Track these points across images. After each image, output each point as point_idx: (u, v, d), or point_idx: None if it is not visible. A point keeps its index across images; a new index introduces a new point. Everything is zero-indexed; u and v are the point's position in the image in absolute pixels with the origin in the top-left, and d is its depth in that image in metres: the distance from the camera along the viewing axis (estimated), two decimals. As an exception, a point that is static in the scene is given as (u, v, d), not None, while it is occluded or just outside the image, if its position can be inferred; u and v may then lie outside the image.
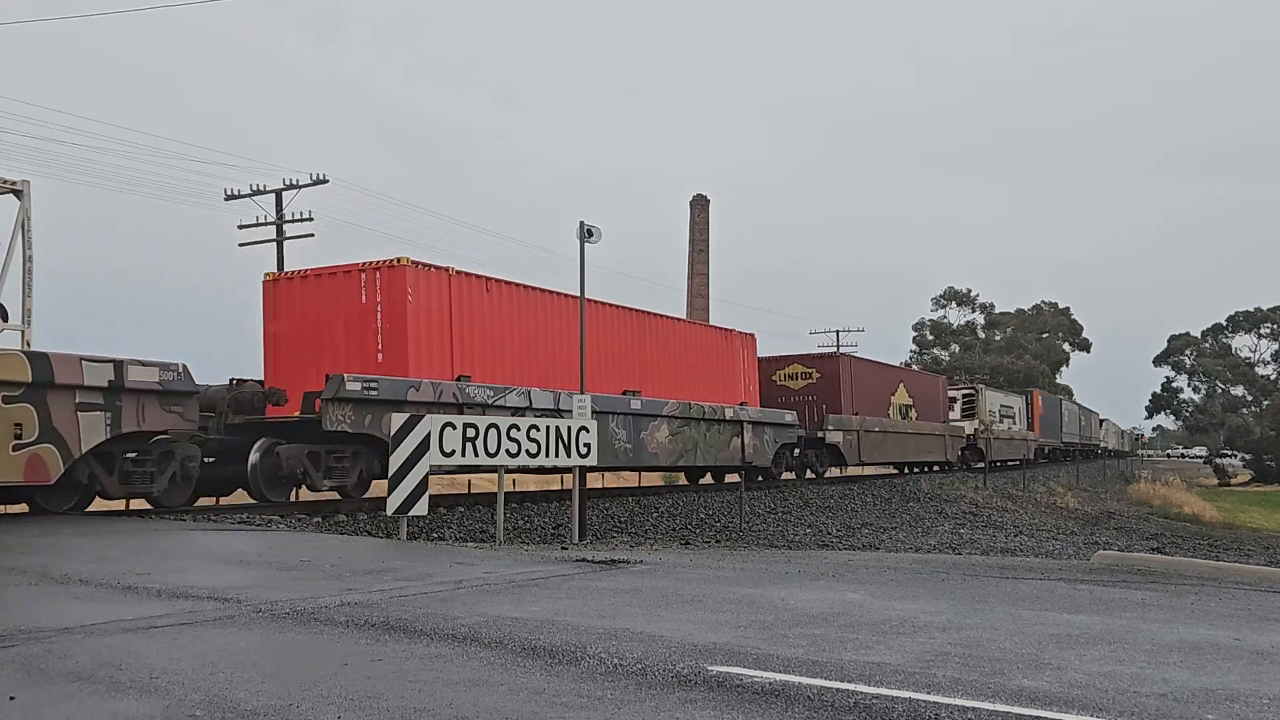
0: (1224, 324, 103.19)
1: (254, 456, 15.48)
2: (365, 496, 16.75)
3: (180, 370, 13.95)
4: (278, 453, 15.39)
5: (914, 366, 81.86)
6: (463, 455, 12.53)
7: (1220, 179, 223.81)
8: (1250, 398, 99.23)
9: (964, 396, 45.68)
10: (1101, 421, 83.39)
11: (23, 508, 13.87)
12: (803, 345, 77.26)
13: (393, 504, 11.94)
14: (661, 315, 23.84)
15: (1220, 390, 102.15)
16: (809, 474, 30.67)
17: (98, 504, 14.45)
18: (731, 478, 27.19)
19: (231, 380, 17.40)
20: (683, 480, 30.53)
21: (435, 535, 14.55)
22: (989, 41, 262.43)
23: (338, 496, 16.61)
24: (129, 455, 13.79)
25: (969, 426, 44.39)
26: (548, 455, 13.79)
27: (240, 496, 16.52)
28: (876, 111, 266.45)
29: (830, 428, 30.25)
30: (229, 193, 34.80)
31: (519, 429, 13.40)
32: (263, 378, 17.98)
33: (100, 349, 13.39)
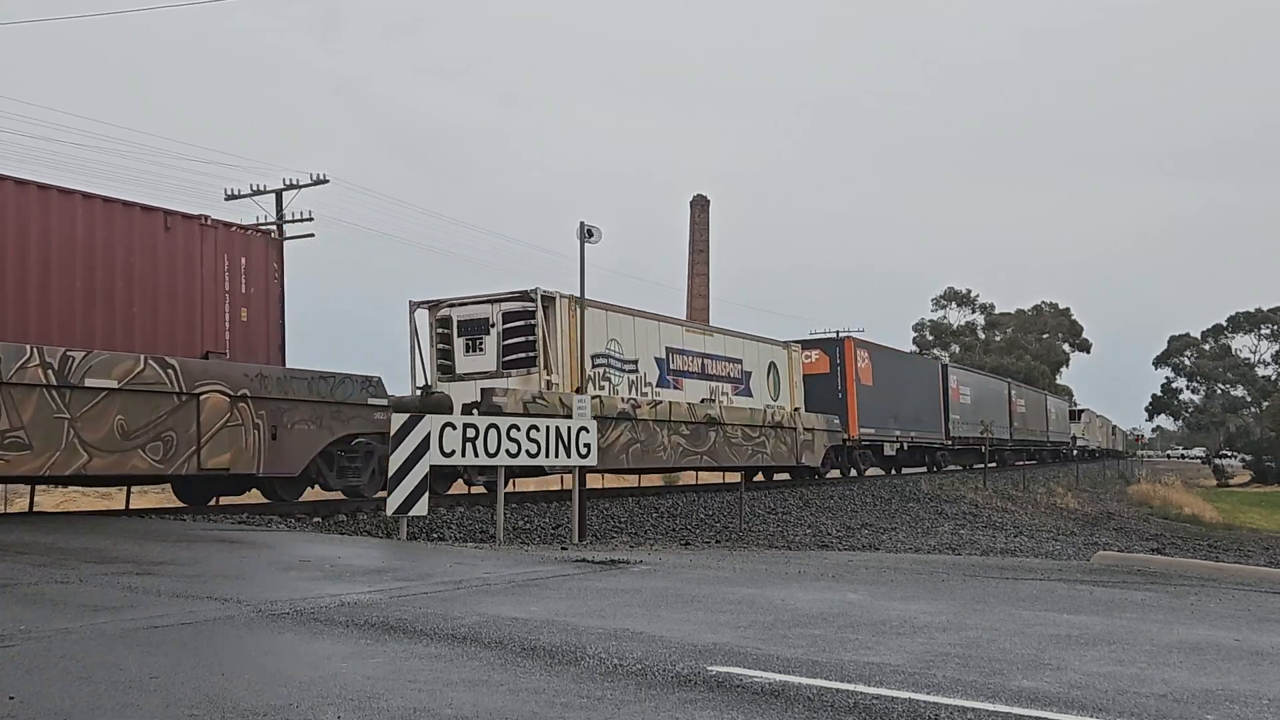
0: (1224, 325, 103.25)
1: None
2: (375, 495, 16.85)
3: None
4: None
5: None
6: (462, 455, 12.53)
7: (1222, 180, 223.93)
8: (1250, 398, 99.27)
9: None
10: (1079, 413, 72.62)
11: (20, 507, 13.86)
12: (802, 345, 76.77)
13: (393, 504, 11.93)
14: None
15: (1220, 391, 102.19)
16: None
17: (94, 504, 14.44)
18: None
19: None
20: (683, 480, 30.68)
21: (435, 535, 14.54)
22: (991, 42, 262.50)
23: (342, 496, 16.63)
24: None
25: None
26: (548, 455, 13.79)
27: (243, 496, 16.51)
28: (877, 112, 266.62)
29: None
30: (229, 193, 34.81)
31: (519, 429, 13.40)
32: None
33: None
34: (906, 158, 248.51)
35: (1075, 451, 67.93)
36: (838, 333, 35.03)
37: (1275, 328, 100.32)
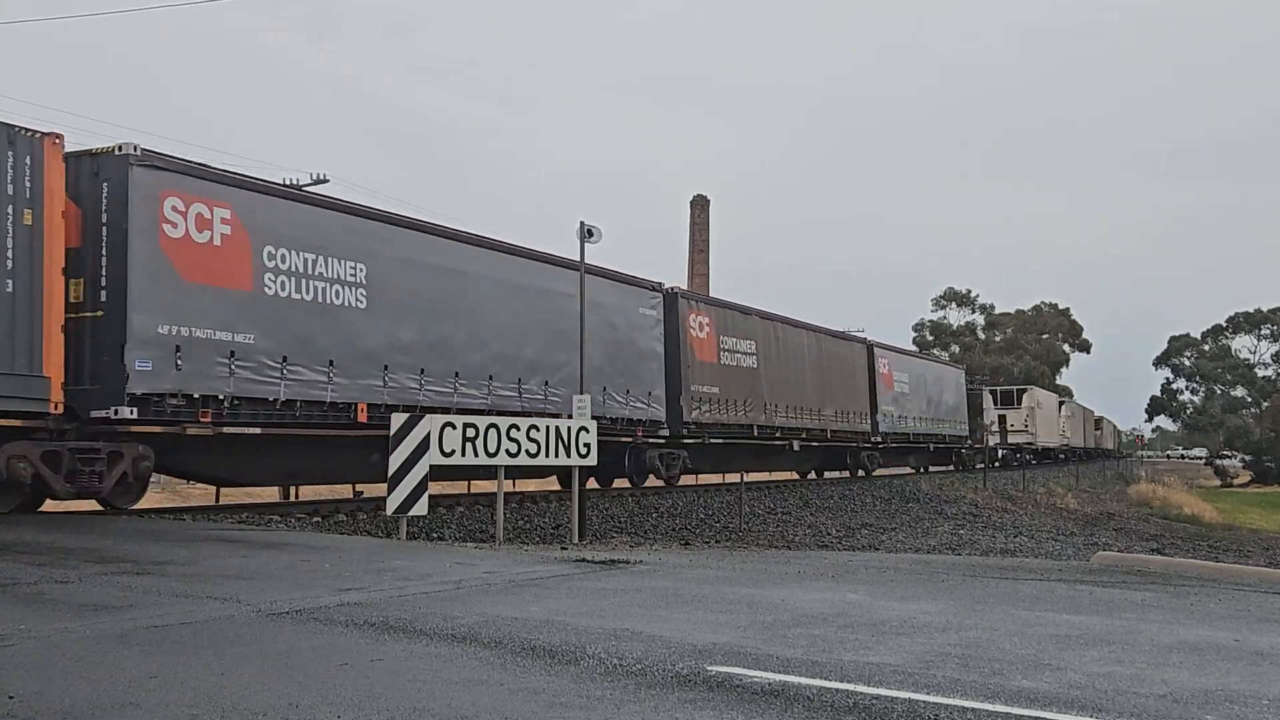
0: (1224, 325, 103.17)
1: None
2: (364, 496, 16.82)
3: None
4: None
5: None
6: (462, 455, 12.52)
7: (1222, 180, 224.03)
8: (1250, 399, 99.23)
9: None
10: (1019, 392, 52.79)
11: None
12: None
13: (392, 504, 11.93)
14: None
15: (1220, 392, 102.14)
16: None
17: (93, 504, 14.43)
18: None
19: None
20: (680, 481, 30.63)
21: (435, 535, 14.54)
22: (991, 43, 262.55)
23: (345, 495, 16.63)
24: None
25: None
26: (548, 455, 13.78)
27: (244, 495, 16.50)
28: (877, 113, 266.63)
29: None
30: (229, 192, 34.73)
31: (519, 429, 13.39)
32: None
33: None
34: (906, 158, 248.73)
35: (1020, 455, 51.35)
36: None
37: (1275, 328, 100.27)
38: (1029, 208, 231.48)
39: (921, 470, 40.44)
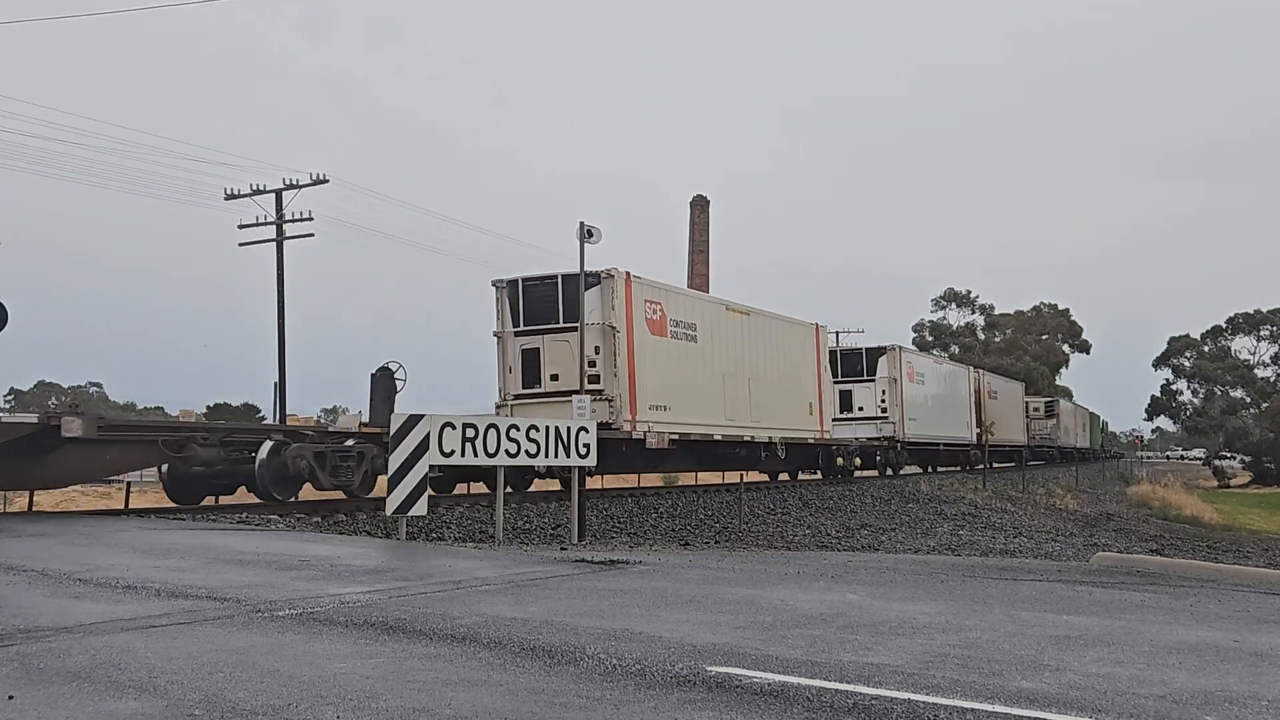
0: (1223, 326, 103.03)
1: None
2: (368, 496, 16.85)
3: None
4: None
5: None
6: (462, 455, 12.52)
7: (1222, 181, 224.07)
8: (1249, 400, 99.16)
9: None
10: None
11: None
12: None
13: (392, 504, 11.93)
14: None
15: (1219, 393, 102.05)
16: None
17: (93, 504, 14.44)
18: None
19: None
20: (680, 481, 30.76)
21: (435, 535, 14.54)
22: (991, 44, 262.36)
23: (342, 495, 16.62)
24: None
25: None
26: (547, 456, 13.78)
27: (244, 495, 16.52)
28: (877, 113, 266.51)
29: None
30: (229, 192, 34.77)
31: (518, 429, 13.39)
32: None
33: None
34: (906, 159, 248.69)
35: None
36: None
37: (1275, 329, 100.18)
38: (1029, 208, 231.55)
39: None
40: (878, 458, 34.49)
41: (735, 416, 24.42)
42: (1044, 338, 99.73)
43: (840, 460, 30.66)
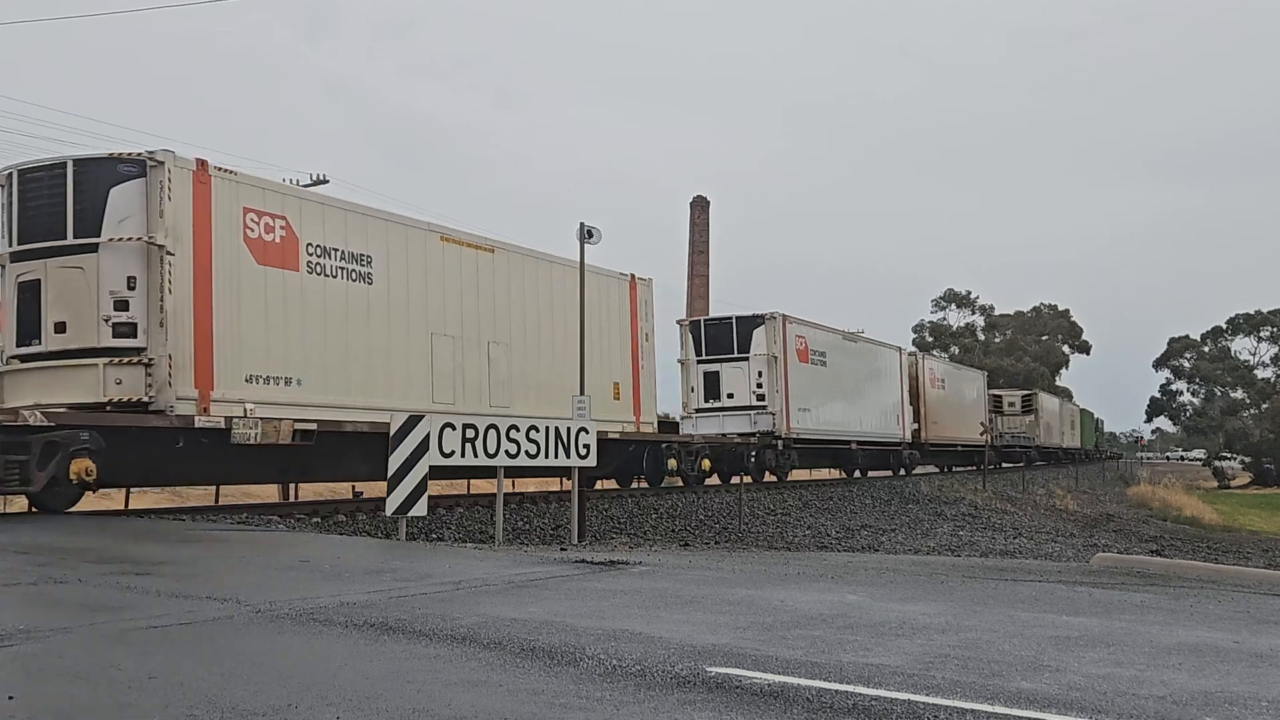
0: (1223, 327, 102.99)
1: None
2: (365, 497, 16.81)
3: None
4: None
5: None
6: (462, 456, 12.52)
7: (1222, 182, 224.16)
8: (1249, 401, 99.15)
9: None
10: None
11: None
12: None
13: (392, 504, 11.93)
14: None
15: (1219, 393, 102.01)
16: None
17: (93, 504, 14.45)
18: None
19: None
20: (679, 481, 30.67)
21: (434, 536, 14.55)
22: (991, 44, 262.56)
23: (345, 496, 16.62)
24: None
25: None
26: (547, 456, 13.78)
27: (244, 495, 16.51)
28: (877, 114, 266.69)
29: None
30: (229, 192, 34.71)
31: (518, 429, 13.39)
32: None
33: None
34: (905, 159, 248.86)
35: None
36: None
37: (1275, 330, 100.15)
38: (1029, 208, 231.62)
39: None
40: (751, 459, 25.95)
41: (467, 400, 16.94)
42: (1044, 338, 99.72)
43: (673, 463, 22.51)
